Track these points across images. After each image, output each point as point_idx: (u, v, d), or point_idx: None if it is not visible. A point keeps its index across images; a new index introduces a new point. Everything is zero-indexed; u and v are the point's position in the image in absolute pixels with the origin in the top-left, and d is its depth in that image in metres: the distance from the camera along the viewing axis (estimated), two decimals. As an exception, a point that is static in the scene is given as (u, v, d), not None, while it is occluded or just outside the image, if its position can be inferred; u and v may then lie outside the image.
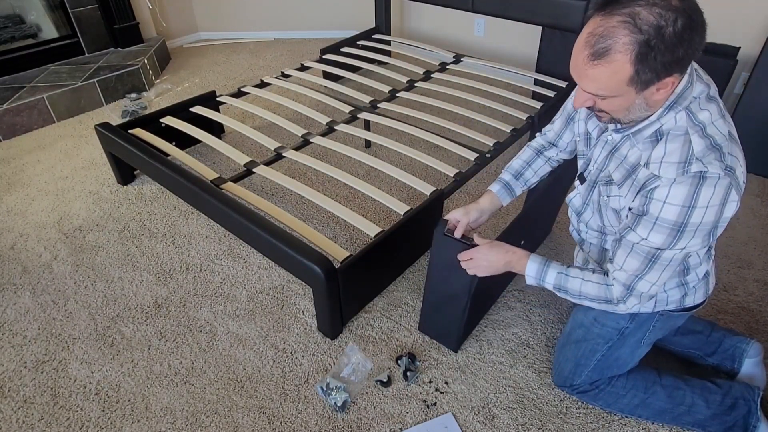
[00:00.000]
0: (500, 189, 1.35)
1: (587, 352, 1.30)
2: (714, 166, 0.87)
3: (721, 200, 0.88)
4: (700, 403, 1.28)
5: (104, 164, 2.50)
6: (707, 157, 0.88)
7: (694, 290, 1.17)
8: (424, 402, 1.42)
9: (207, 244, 1.99)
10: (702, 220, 0.89)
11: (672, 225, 0.91)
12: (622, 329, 1.24)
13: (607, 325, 1.25)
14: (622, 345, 1.26)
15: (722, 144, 0.89)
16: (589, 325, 1.29)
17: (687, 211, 0.89)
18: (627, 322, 1.23)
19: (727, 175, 0.87)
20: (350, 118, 2.37)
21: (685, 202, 0.88)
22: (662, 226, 0.92)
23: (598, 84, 0.89)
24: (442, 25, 3.62)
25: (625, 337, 1.25)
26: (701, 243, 0.94)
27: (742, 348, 1.38)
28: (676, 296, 1.17)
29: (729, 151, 0.89)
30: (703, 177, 0.87)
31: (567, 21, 2.58)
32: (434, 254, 1.37)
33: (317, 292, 1.48)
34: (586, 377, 1.33)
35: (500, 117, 2.69)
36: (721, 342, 1.41)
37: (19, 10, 3.18)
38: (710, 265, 1.17)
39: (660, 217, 0.92)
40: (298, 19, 4.08)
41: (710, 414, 1.28)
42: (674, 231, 0.92)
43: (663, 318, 1.22)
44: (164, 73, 3.56)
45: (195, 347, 1.58)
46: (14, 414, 1.40)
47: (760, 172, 2.35)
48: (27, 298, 1.76)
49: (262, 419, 1.38)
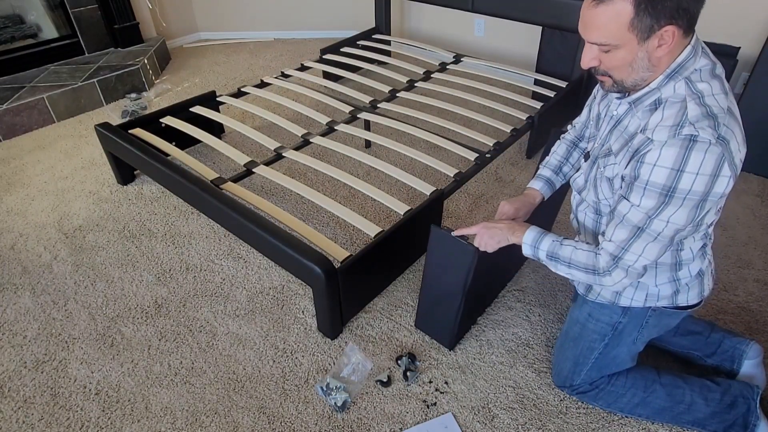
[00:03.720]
0: (543, 186, 1.39)
1: (585, 350, 1.31)
2: (706, 132, 0.87)
3: (712, 171, 0.88)
4: (699, 401, 1.28)
5: (104, 164, 2.50)
6: (700, 123, 0.89)
7: (687, 288, 1.16)
8: (424, 402, 1.42)
9: (207, 244, 1.99)
10: (691, 188, 0.89)
11: (661, 188, 0.92)
12: (615, 324, 1.24)
13: (601, 320, 1.25)
14: (618, 343, 1.26)
15: (718, 114, 0.90)
16: (584, 321, 1.29)
17: (676, 175, 0.89)
18: (620, 317, 1.22)
19: (719, 143, 0.87)
20: (350, 118, 2.37)
21: (675, 165, 0.89)
22: (651, 191, 0.93)
23: (601, 31, 0.92)
24: (442, 25, 3.62)
25: (619, 333, 1.25)
26: (687, 217, 0.94)
27: (742, 349, 1.38)
28: (668, 291, 1.16)
29: (725, 122, 0.90)
30: (694, 140, 0.87)
31: (567, 21, 2.58)
32: (430, 252, 1.37)
33: (317, 292, 1.48)
34: (586, 376, 1.34)
35: (500, 117, 2.70)
36: (721, 343, 1.41)
37: (19, 10, 3.18)
38: (705, 265, 1.17)
39: (650, 181, 0.92)
40: (298, 19, 4.08)
41: (709, 412, 1.27)
42: (662, 195, 0.92)
43: (656, 314, 1.21)
44: (164, 73, 3.56)
45: (195, 347, 1.58)
46: (14, 414, 1.40)
47: (760, 172, 2.35)
48: (27, 298, 1.76)
49: (262, 419, 1.38)
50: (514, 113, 2.36)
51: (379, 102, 2.53)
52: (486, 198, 2.24)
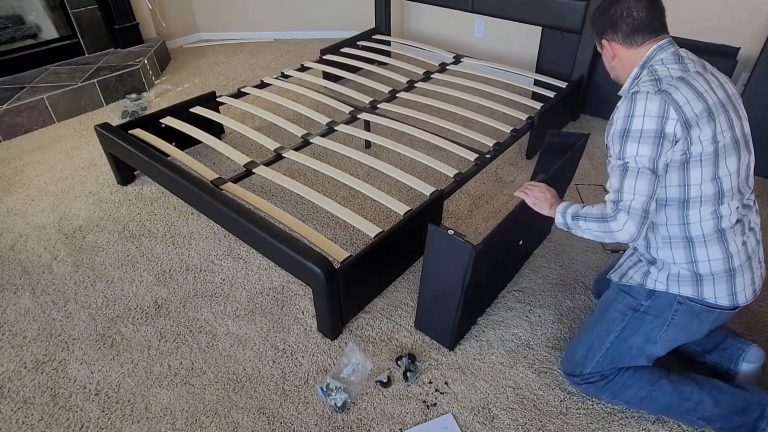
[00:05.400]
0: None
1: (601, 333, 1.35)
2: (646, 86, 1.14)
3: (657, 113, 1.11)
4: (707, 401, 1.28)
5: (104, 165, 2.50)
6: (644, 84, 1.16)
7: (711, 279, 1.19)
8: (424, 402, 1.41)
9: (207, 244, 1.99)
10: (642, 127, 1.13)
11: (621, 132, 1.16)
12: (637, 306, 1.29)
13: (623, 301, 1.32)
14: (636, 330, 1.29)
15: (663, 78, 1.15)
16: (609, 301, 1.36)
17: (628, 120, 1.15)
18: (643, 299, 1.28)
19: (658, 93, 1.12)
20: (350, 118, 2.37)
21: (626, 113, 1.16)
22: (617, 138, 1.18)
23: None
24: (442, 26, 3.62)
25: (639, 317, 1.29)
26: (651, 152, 1.13)
27: (742, 349, 1.38)
28: (688, 275, 1.20)
29: (669, 83, 1.14)
30: (636, 93, 1.15)
31: (567, 21, 2.58)
32: (428, 251, 1.37)
33: (317, 293, 1.48)
34: (597, 365, 1.35)
35: (500, 117, 2.70)
36: (722, 340, 1.41)
37: (19, 11, 3.18)
38: (736, 263, 1.18)
39: (614, 131, 1.18)
40: (298, 19, 4.08)
41: (718, 413, 1.28)
42: (623, 137, 1.16)
43: (683, 310, 1.23)
44: (164, 74, 3.57)
45: (195, 348, 1.58)
46: (14, 414, 1.40)
47: (761, 172, 2.35)
48: (27, 299, 1.76)
49: (262, 420, 1.38)
50: (514, 114, 2.36)
51: (379, 102, 2.53)
52: (486, 198, 2.24)
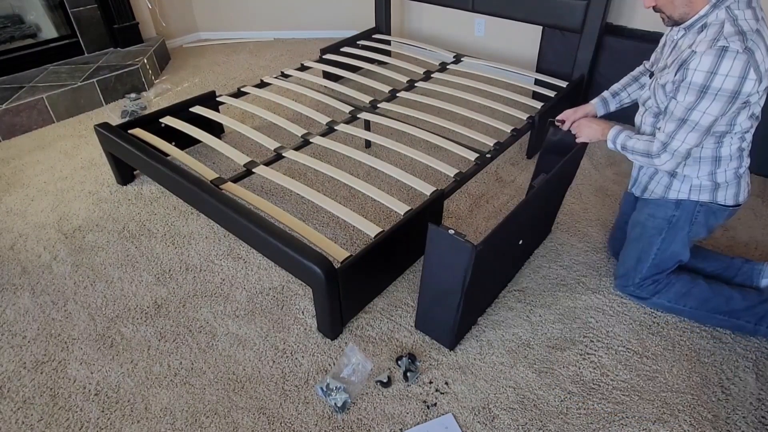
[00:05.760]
0: (597, 101, 1.71)
1: (646, 247, 1.58)
2: (735, 44, 1.15)
3: (740, 74, 1.15)
4: (737, 296, 1.53)
5: (104, 164, 2.50)
6: (732, 37, 1.16)
7: (726, 185, 1.43)
8: (425, 402, 1.41)
9: (207, 244, 1.99)
10: (722, 86, 1.17)
11: (699, 87, 1.20)
12: (670, 218, 1.51)
13: (657, 216, 1.53)
14: (674, 238, 1.52)
15: (747, 32, 1.16)
16: (644, 221, 1.57)
17: (710, 76, 1.18)
18: (674, 210, 1.50)
19: (745, 53, 1.14)
20: (350, 118, 2.37)
21: (709, 68, 1.17)
22: (692, 89, 1.22)
23: None
24: (442, 25, 3.61)
25: (674, 225, 1.51)
26: (720, 110, 1.21)
27: (759, 268, 1.64)
28: (707, 185, 1.43)
29: (752, 38, 1.16)
30: (725, 49, 1.15)
31: (567, 21, 2.58)
32: (428, 251, 1.37)
33: (317, 293, 1.47)
34: (647, 272, 1.59)
35: (500, 117, 2.69)
36: (741, 267, 1.66)
37: (18, 10, 3.18)
38: (743, 169, 1.43)
39: (691, 81, 1.21)
40: (298, 19, 4.08)
41: (745, 305, 1.51)
42: (700, 92, 1.20)
43: (703, 210, 1.47)
44: (164, 73, 3.56)
45: (195, 348, 1.58)
46: (14, 415, 1.39)
47: (761, 172, 2.35)
48: (26, 299, 1.76)
49: (262, 420, 1.37)
50: (514, 113, 2.35)
51: (379, 102, 2.52)
52: (486, 198, 2.24)
